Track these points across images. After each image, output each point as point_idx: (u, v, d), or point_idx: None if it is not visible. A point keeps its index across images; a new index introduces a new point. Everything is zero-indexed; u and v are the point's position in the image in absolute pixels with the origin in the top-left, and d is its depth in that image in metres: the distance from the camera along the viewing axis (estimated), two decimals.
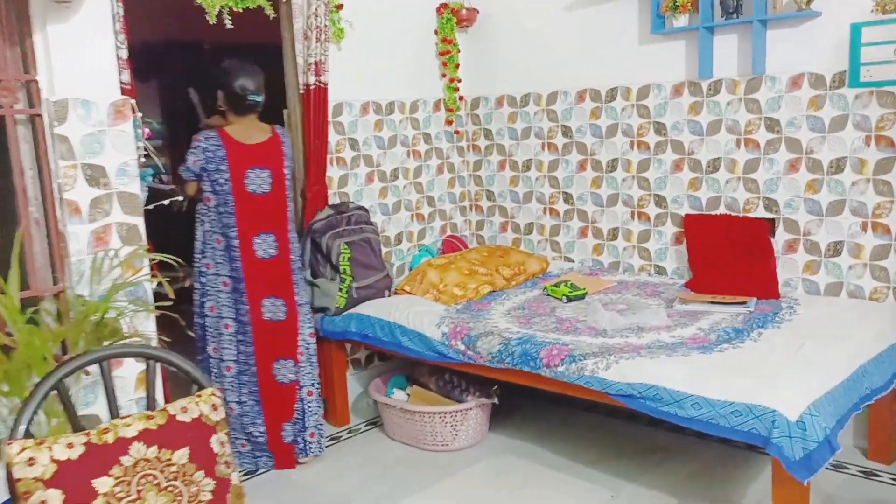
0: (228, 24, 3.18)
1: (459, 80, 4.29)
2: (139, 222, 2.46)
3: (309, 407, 3.31)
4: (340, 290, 3.56)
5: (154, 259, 2.52)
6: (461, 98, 4.35)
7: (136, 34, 5.70)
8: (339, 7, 3.60)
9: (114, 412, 1.62)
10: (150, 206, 2.86)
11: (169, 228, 3.26)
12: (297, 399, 3.28)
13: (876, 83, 3.01)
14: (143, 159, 2.79)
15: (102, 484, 1.45)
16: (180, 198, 3.07)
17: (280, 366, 3.23)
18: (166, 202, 2.90)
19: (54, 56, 2.31)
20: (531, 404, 3.77)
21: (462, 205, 4.52)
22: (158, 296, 2.50)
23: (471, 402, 3.40)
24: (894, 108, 2.99)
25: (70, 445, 1.46)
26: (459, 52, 4.26)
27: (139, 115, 2.74)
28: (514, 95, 4.18)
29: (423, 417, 3.39)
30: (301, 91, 3.56)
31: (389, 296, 3.69)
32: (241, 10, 3.21)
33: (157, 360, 1.69)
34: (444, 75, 4.26)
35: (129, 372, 2.37)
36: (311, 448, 3.32)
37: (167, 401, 2.34)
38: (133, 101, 2.72)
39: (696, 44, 3.44)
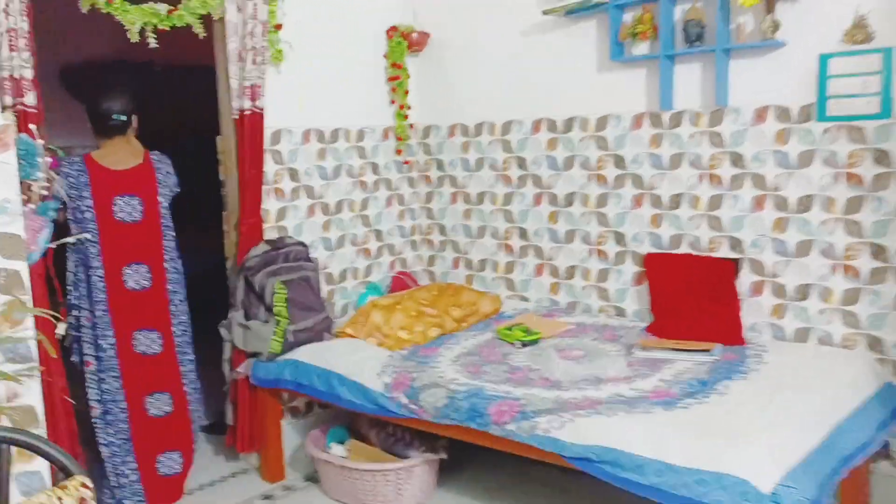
0: (153, 42, 2.91)
1: (409, 108, 4.05)
2: (21, 268, 2.13)
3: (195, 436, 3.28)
4: (275, 333, 3.26)
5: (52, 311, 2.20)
6: (411, 126, 4.11)
7: (80, 51, 5.37)
8: (278, 27, 3.35)
9: None
10: (53, 245, 2.55)
11: None
12: (186, 430, 3.18)
13: (844, 118, 2.84)
14: (44, 192, 2.48)
15: None
16: (87, 235, 2.77)
17: (154, 399, 3.08)
18: (71, 240, 2.58)
19: None
20: (483, 456, 3.47)
21: (413, 239, 4.25)
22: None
23: (416, 457, 3.11)
24: (864, 145, 2.82)
25: None
26: (409, 77, 4.03)
27: (40, 142, 2.44)
28: (467, 124, 3.95)
29: (363, 475, 3.09)
30: (235, 117, 3.29)
31: (330, 339, 3.40)
32: (166, 28, 2.94)
33: (8, 442, 1.38)
34: (393, 102, 4.02)
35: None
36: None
37: (52, 480, 2.02)
38: (34, 126, 2.42)
39: (656, 73, 3.25)
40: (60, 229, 2.82)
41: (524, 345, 3.16)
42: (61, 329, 2.75)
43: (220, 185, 3.47)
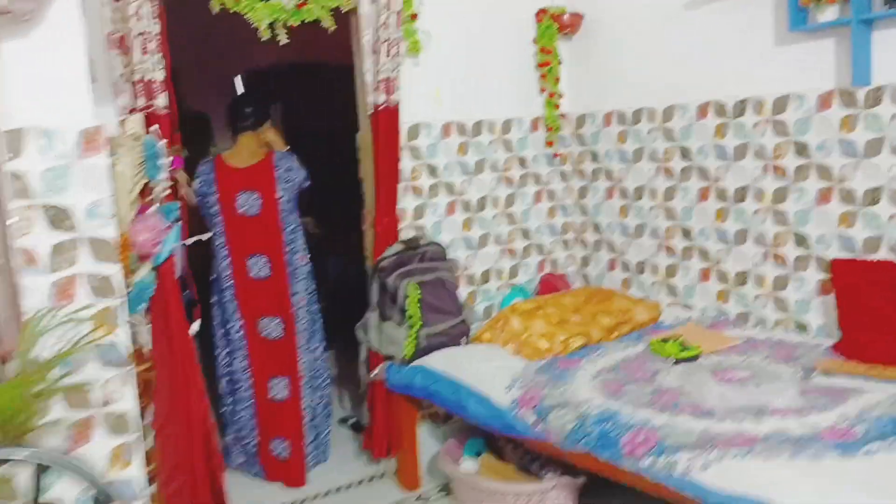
0: (283, 39, 2.87)
1: (561, 96, 3.74)
2: (113, 271, 2.12)
3: (313, 424, 3.38)
4: (408, 336, 3.12)
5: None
6: (563, 116, 3.79)
7: (264, 59, 5.51)
8: (414, 17, 3.19)
9: None
10: (183, 243, 2.57)
11: None
12: (299, 417, 3.29)
13: None
14: (167, 191, 2.49)
15: None
16: (207, 234, 2.84)
17: (276, 382, 3.25)
18: (192, 240, 2.61)
19: (7, 77, 2.03)
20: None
21: (565, 238, 3.94)
22: None
23: (552, 480, 2.83)
24: None
25: None
26: (560, 63, 3.71)
27: (163, 141, 2.45)
28: (625, 111, 3.56)
29: (493, 496, 2.86)
30: (370, 112, 3.18)
31: (466, 344, 3.20)
32: (295, 24, 2.88)
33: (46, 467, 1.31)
34: (542, 90, 3.72)
35: (96, 450, 2.01)
36: (320, 457, 3.45)
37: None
38: (156, 127, 2.43)
39: (848, 42, 2.70)
40: (200, 225, 2.92)
41: (677, 362, 2.76)
42: (195, 327, 2.79)
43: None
